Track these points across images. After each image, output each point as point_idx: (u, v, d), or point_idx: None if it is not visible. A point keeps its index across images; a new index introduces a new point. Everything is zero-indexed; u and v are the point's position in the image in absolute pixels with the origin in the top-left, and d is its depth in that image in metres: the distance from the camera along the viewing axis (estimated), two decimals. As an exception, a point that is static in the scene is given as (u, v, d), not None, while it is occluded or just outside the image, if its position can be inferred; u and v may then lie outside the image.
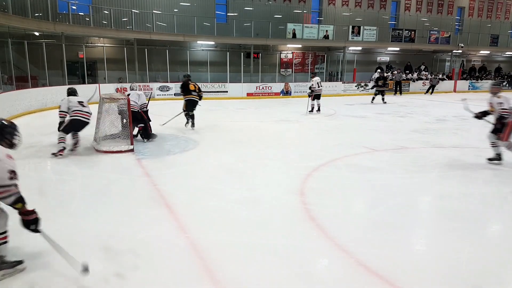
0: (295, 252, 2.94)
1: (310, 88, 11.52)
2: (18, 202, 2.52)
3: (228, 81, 17.07)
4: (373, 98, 14.83)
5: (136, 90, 7.30)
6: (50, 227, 3.34)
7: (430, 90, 20.37)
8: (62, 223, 3.44)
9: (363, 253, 2.86)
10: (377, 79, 15.22)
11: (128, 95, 6.84)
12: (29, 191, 4.29)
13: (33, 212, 2.61)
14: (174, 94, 15.48)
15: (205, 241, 3.06)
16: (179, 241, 3.07)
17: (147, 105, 7.17)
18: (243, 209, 3.83)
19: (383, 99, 14.71)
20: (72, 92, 6.36)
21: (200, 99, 8.42)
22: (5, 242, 2.68)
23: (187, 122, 8.40)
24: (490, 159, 5.54)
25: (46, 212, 3.67)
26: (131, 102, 6.59)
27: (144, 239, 3.12)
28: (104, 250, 2.92)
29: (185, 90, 8.35)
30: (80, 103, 6.09)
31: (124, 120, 6.63)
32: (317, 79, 11.76)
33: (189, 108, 8.33)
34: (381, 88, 14.82)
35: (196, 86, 8.43)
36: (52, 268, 2.69)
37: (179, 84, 11.62)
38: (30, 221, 2.60)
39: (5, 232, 2.68)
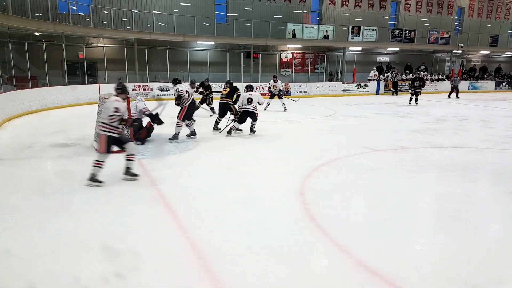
0: (295, 252, 2.94)
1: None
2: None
3: (228, 81, 17.07)
4: (410, 99, 14.48)
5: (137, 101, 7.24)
6: (51, 227, 3.36)
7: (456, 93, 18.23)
8: (62, 223, 3.45)
9: (363, 253, 2.86)
10: (413, 80, 14.78)
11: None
12: (29, 191, 4.31)
13: None
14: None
15: (204, 241, 3.06)
16: (179, 241, 3.07)
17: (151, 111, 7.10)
18: (243, 209, 3.83)
19: (416, 100, 14.34)
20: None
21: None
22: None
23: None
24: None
25: (46, 212, 3.69)
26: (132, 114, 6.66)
27: (144, 239, 3.12)
28: (104, 250, 2.92)
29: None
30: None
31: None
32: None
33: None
34: (417, 88, 14.36)
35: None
36: (52, 268, 2.70)
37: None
38: None
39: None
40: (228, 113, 8.12)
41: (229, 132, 7.72)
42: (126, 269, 2.65)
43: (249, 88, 8.06)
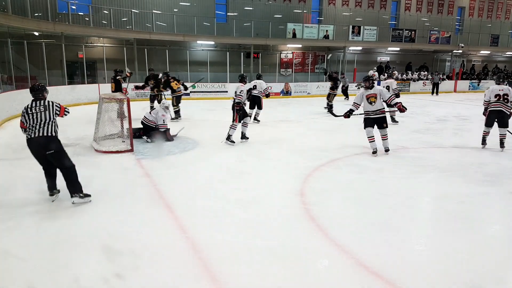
0: (295, 252, 2.94)
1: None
2: None
3: (228, 81, 17.06)
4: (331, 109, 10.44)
5: (159, 109, 7.24)
6: (51, 227, 3.36)
7: (435, 90, 19.51)
8: (62, 223, 3.45)
9: (363, 253, 2.86)
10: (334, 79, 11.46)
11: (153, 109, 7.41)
12: (29, 191, 4.31)
13: None
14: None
15: (204, 241, 3.06)
16: (179, 241, 3.07)
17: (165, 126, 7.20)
18: (243, 209, 3.83)
19: (330, 111, 8.74)
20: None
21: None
22: None
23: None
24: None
25: (46, 212, 3.69)
26: (150, 118, 7.14)
27: (144, 239, 3.12)
28: (104, 250, 2.92)
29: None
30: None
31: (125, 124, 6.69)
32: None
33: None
34: (330, 91, 11.28)
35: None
36: (52, 268, 2.69)
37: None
38: None
39: None
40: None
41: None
42: (126, 269, 2.65)
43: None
